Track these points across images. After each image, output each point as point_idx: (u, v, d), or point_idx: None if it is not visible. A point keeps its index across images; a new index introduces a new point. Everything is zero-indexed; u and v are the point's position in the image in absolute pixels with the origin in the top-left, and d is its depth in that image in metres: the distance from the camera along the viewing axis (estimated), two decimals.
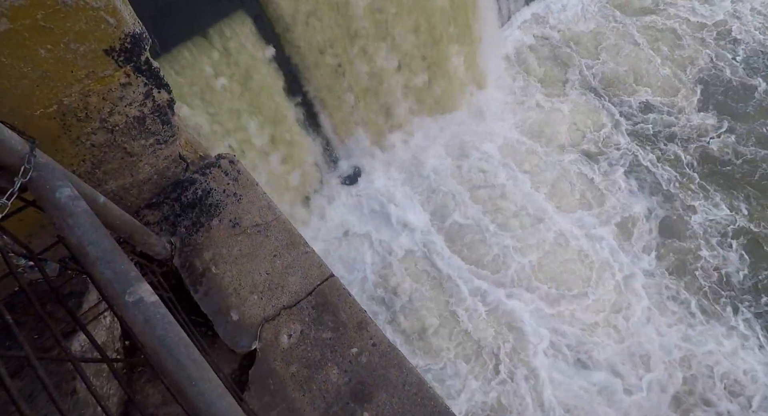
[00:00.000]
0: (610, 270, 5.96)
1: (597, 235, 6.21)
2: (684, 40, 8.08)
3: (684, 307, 5.64)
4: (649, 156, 6.92)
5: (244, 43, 4.60)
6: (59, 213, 1.08)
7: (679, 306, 5.65)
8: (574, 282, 5.89)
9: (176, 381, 0.92)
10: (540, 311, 5.72)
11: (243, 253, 1.94)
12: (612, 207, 6.47)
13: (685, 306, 5.65)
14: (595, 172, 6.79)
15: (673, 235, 6.20)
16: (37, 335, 1.53)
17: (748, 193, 6.42)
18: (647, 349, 5.35)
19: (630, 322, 5.55)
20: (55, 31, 1.23)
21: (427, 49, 6.02)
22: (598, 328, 5.54)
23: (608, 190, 6.60)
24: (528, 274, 5.94)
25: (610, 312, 5.66)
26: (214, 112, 4.58)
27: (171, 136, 1.89)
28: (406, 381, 1.71)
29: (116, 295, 1.01)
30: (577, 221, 6.35)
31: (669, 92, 7.58)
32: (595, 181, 6.71)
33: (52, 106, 1.37)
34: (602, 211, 6.45)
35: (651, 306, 5.66)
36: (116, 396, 1.69)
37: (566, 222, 6.33)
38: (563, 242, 6.18)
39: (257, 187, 2.12)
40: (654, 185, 6.67)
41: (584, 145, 7.10)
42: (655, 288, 5.80)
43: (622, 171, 6.77)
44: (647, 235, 6.23)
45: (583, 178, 6.75)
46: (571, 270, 5.98)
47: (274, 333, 1.79)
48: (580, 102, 7.51)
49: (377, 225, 6.32)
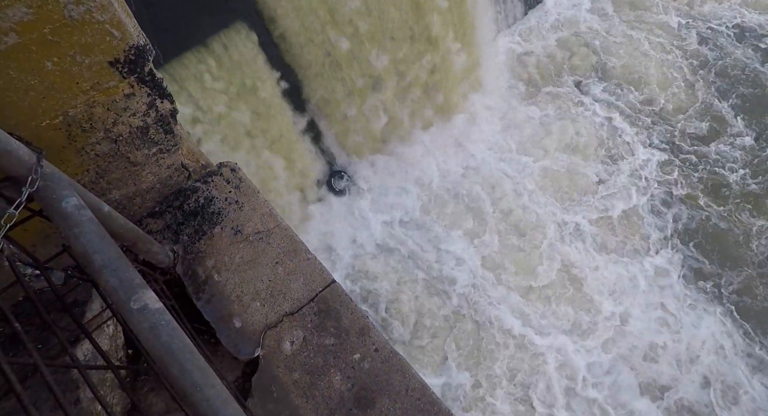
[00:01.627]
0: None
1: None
2: (687, 40, 8.09)
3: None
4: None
5: (243, 53, 4.66)
6: (65, 222, 1.10)
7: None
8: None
9: (181, 387, 0.93)
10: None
11: (245, 260, 1.95)
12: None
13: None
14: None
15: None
16: (41, 344, 1.54)
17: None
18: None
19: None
20: (62, 44, 1.26)
21: (425, 56, 6.08)
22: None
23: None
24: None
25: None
26: (210, 118, 4.62)
27: (174, 146, 1.91)
28: (408, 387, 1.71)
29: (121, 302, 1.02)
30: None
31: (669, 90, 7.59)
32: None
33: (58, 118, 1.40)
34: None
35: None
36: (119, 406, 1.69)
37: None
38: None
39: (259, 194, 2.14)
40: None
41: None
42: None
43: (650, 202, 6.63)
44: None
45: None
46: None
47: (277, 339, 1.80)
48: (583, 111, 7.54)
49: (373, 231, 6.32)
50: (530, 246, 6.21)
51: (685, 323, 5.60)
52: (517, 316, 5.72)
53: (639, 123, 7.36)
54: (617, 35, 8.31)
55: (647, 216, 6.47)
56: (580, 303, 5.83)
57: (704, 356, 5.35)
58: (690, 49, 8.02)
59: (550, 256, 6.11)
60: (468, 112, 7.25)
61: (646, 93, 7.64)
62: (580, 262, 6.08)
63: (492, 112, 7.45)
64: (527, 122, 7.40)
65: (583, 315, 5.74)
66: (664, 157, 6.99)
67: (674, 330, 5.58)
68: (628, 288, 5.88)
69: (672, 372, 5.31)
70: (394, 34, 5.53)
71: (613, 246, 6.27)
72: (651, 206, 6.56)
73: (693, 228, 6.31)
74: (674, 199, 6.58)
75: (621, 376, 5.28)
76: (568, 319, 5.69)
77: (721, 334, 5.49)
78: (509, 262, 6.07)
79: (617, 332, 5.59)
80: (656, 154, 7.03)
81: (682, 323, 5.61)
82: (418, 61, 6.04)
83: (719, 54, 7.91)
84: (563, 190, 6.71)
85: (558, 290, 5.89)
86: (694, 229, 6.30)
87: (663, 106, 7.52)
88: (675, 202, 6.56)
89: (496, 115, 7.45)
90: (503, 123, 7.41)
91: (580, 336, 5.58)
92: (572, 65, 8.05)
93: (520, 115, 7.49)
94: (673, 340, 5.50)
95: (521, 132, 7.30)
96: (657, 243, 6.26)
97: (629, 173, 6.86)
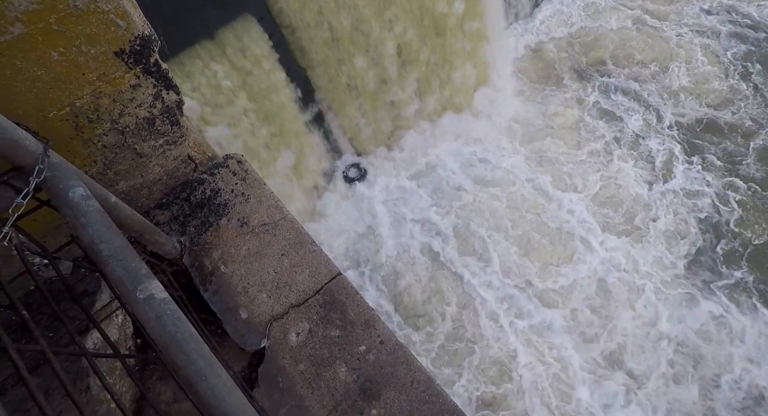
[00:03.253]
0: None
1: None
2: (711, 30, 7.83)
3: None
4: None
5: (251, 46, 4.64)
6: (72, 212, 1.10)
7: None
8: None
9: (187, 376, 0.94)
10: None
11: (251, 252, 1.96)
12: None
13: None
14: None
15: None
16: (52, 334, 1.56)
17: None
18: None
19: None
20: (67, 34, 1.26)
21: (434, 50, 6.02)
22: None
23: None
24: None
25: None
26: (220, 112, 4.63)
27: (180, 137, 1.92)
28: (414, 379, 1.71)
29: (128, 292, 1.03)
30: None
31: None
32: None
33: (65, 108, 1.40)
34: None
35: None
36: (128, 394, 1.71)
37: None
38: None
39: (265, 186, 2.14)
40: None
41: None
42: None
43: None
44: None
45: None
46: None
47: (283, 331, 1.81)
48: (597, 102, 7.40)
49: (384, 222, 6.32)
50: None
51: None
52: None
53: (649, 115, 7.21)
54: (626, 27, 8.13)
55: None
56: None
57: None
58: (715, 41, 7.77)
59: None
60: (474, 105, 7.18)
61: (657, 80, 7.45)
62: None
63: (501, 104, 7.36)
64: (536, 117, 7.30)
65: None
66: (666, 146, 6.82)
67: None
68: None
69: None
70: (404, 21, 5.47)
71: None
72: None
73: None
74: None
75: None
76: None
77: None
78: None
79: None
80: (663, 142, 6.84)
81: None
82: (428, 52, 5.98)
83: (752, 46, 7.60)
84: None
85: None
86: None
87: (674, 88, 7.31)
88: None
89: (505, 107, 7.36)
90: (512, 115, 7.32)
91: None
92: (582, 59, 7.90)
93: (530, 108, 7.39)
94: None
95: (530, 125, 7.22)
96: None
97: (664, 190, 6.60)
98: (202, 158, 2.19)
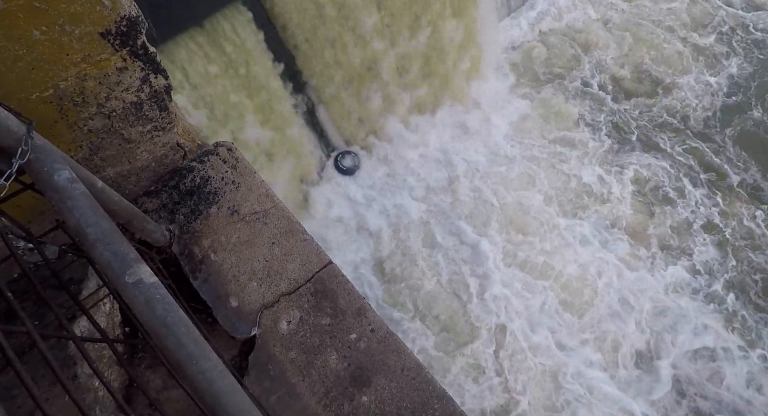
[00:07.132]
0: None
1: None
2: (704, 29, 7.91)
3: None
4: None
5: (240, 33, 4.56)
6: (58, 195, 1.08)
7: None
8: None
9: (177, 360, 0.93)
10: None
11: (242, 240, 1.94)
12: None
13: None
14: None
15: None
16: (38, 321, 1.54)
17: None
18: None
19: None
20: (50, 12, 1.22)
21: (425, 40, 5.98)
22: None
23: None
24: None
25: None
26: (209, 101, 4.55)
27: (169, 123, 1.88)
28: (404, 366, 1.73)
29: (116, 277, 1.01)
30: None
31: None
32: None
33: (49, 90, 1.36)
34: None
35: None
36: (117, 381, 1.70)
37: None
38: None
39: (255, 174, 2.12)
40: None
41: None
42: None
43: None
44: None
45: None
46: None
47: (274, 319, 1.80)
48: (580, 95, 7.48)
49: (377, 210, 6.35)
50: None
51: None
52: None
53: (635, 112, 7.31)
54: (621, 23, 8.17)
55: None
56: None
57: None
58: (707, 40, 7.85)
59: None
60: (469, 98, 7.18)
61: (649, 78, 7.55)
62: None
63: (492, 99, 7.37)
64: (528, 111, 7.34)
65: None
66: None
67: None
68: None
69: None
70: (395, 17, 5.42)
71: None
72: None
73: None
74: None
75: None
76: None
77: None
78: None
79: None
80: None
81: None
82: (417, 43, 5.94)
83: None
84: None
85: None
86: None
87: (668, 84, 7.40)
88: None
89: (496, 102, 7.38)
90: (504, 110, 7.34)
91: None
92: (574, 53, 7.93)
93: (521, 103, 7.42)
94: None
95: (523, 120, 7.25)
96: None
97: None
98: (191, 146, 2.15)
